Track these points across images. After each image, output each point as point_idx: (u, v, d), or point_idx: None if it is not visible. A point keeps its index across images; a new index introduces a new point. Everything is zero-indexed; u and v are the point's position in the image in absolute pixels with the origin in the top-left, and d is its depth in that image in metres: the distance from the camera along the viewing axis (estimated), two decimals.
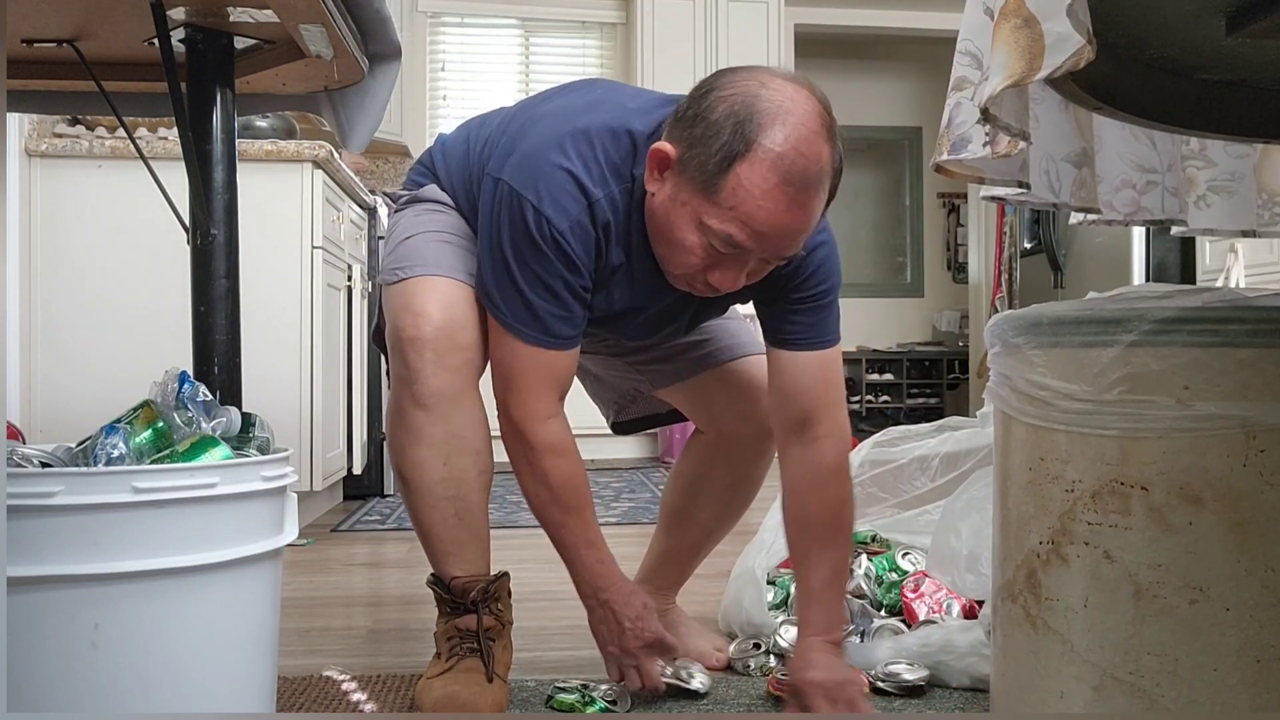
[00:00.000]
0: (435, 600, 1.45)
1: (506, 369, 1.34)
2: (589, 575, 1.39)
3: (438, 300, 1.34)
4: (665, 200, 1.25)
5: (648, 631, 1.38)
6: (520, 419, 1.35)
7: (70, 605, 1.00)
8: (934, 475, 1.91)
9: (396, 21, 1.57)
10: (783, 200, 1.18)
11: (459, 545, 1.40)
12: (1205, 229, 1.43)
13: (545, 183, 1.27)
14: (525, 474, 1.38)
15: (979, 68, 1.02)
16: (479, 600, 1.40)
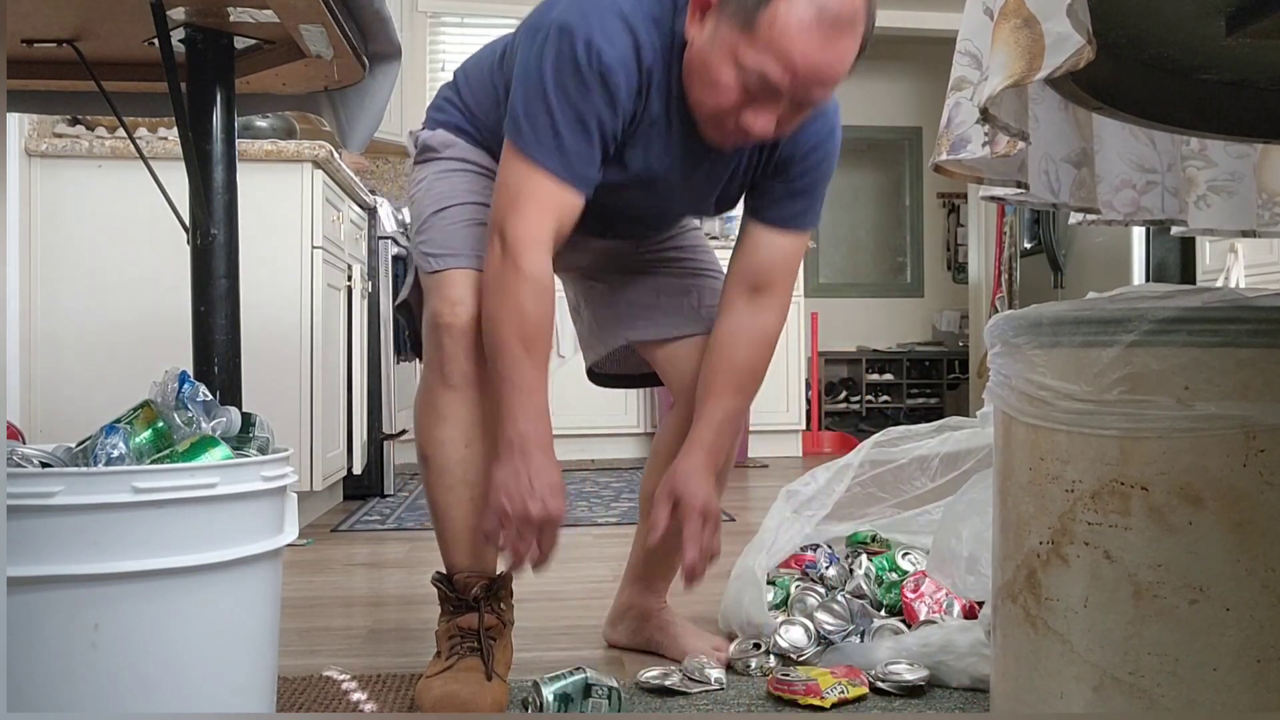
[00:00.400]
0: (438, 598, 1.46)
1: (515, 193, 1.33)
2: (523, 422, 1.33)
3: (475, 292, 1.39)
4: (704, 42, 1.30)
5: (554, 508, 1.32)
6: (516, 240, 1.32)
7: (70, 605, 1.00)
8: (934, 475, 1.91)
9: (396, 21, 1.57)
10: (817, 37, 1.23)
11: (469, 532, 1.43)
12: (1205, 229, 1.43)
13: (596, 17, 1.30)
14: (499, 300, 1.34)
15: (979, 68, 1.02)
16: (481, 598, 1.42)
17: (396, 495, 3.65)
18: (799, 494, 1.86)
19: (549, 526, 1.33)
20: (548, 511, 1.32)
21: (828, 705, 1.37)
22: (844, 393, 7.08)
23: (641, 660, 1.61)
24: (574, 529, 2.95)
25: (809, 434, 5.44)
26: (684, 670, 1.48)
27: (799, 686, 1.39)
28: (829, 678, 1.41)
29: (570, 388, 4.93)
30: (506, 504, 1.32)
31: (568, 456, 4.80)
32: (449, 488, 1.42)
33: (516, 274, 1.32)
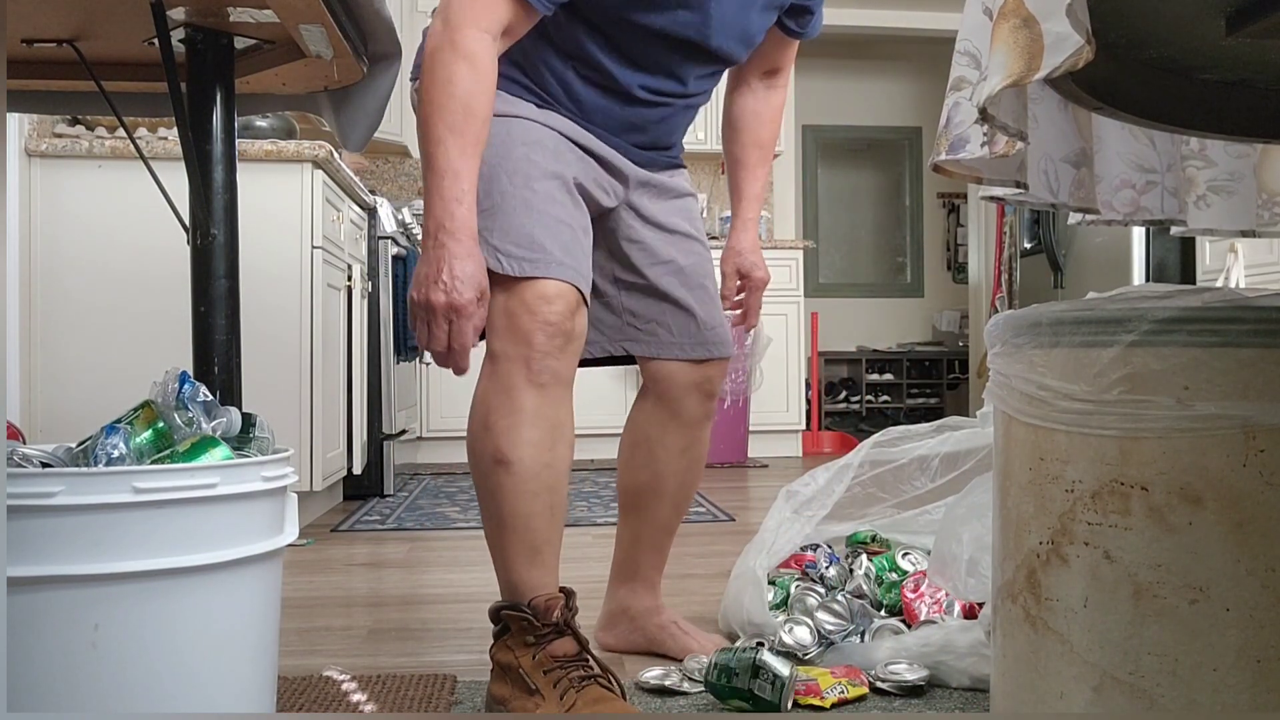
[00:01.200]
0: (508, 624, 1.36)
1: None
2: (443, 206, 1.27)
3: (569, 296, 1.35)
4: None
5: (461, 298, 1.26)
6: (456, 20, 1.28)
7: (70, 605, 1.00)
8: (934, 475, 1.91)
9: (396, 21, 1.57)
10: None
11: (547, 545, 1.35)
12: (1205, 229, 1.42)
13: None
14: (430, 79, 1.28)
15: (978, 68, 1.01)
16: (567, 620, 1.34)
17: (396, 495, 3.65)
18: (799, 494, 1.86)
19: (457, 317, 1.27)
20: (452, 301, 1.26)
21: (828, 705, 1.37)
22: (844, 393, 7.08)
23: (641, 660, 1.61)
24: (573, 529, 2.95)
25: (809, 434, 5.45)
26: (684, 670, 1.48)
27: (799, 686, 1.39)
28: (829, 678, 1.41)
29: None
30: (414, 294, 1.28)
31: None
32: (532, 494, 1.33)
33: (452, 50, 1.27)
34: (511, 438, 1.32)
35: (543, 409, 1.33)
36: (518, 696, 1.33)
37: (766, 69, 1.74)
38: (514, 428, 1.32)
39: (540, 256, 1.35)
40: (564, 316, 1.34)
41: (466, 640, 1.77)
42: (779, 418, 5.06)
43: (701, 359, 1.61)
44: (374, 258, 3.58)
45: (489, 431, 1.34)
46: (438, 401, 4.75)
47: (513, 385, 1.33)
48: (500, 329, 1.35)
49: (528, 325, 1.32)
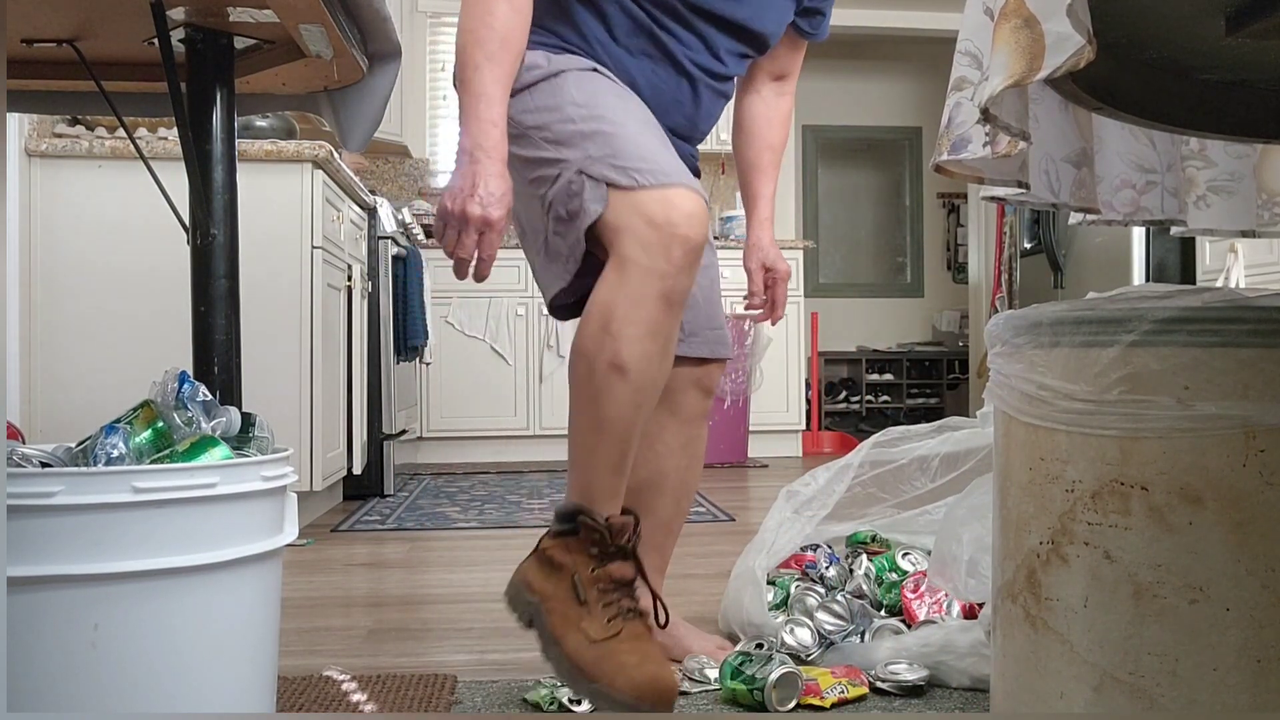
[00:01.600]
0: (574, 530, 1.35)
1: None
2: (479, 126, 1.34)
3: (702, 210, 1.34)
4: None
5: (494, 214, 1.32)
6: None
7: (70, 605, 1.00)
8: (934, 476, 1.91)
9: (396, 21, 1.57)
10: None
11: (629, 462, 1.36)
12: (1205, 229, 1.42)
13: None
14: (470, 13, 1.36)
15: (979, 68, 1.01)
16: (634, 546, 1.33)
17: (396, 495, 3.65)
18: (799, 494, 1.86)
19: (488, 231, 1.32)
20: (486, 215, 1.31)
21: (828, 705, 1.37)
22: (844, 393, 7.08)
23: None
24: None
25: (809, 434, 5.45)
26: (684, 670, 1.48)
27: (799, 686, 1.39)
28: (829, 678, 1.41)
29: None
30: (448, 203, 1.32)
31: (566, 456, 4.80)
32: (638, 405, 1.32)
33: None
34: (636, 346, 1.31)
35: (665, 326, 1.33)
36: (559, 598, 1.32)
37: (776, 74, 1.80)
38: (638, 338, 1.31)
39: (668, 169, 1.36)
40: (703, 235, 1.33)
41: (466, 640, 1.77)
42: (779, 418, 5.06)
43: (704, 358, 1.63)
44: (374, 258, 3.58)
45: (610, 335, 1.32)
46: (438, 401, 4.75)
47: (645, 294, 1.31)
48: (638, 235, 1.32)
49: (668, 238, 1.31)
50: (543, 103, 1.44)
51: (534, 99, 1.44)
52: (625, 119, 1.42)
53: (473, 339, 4.76)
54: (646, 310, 1.31)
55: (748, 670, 1.38)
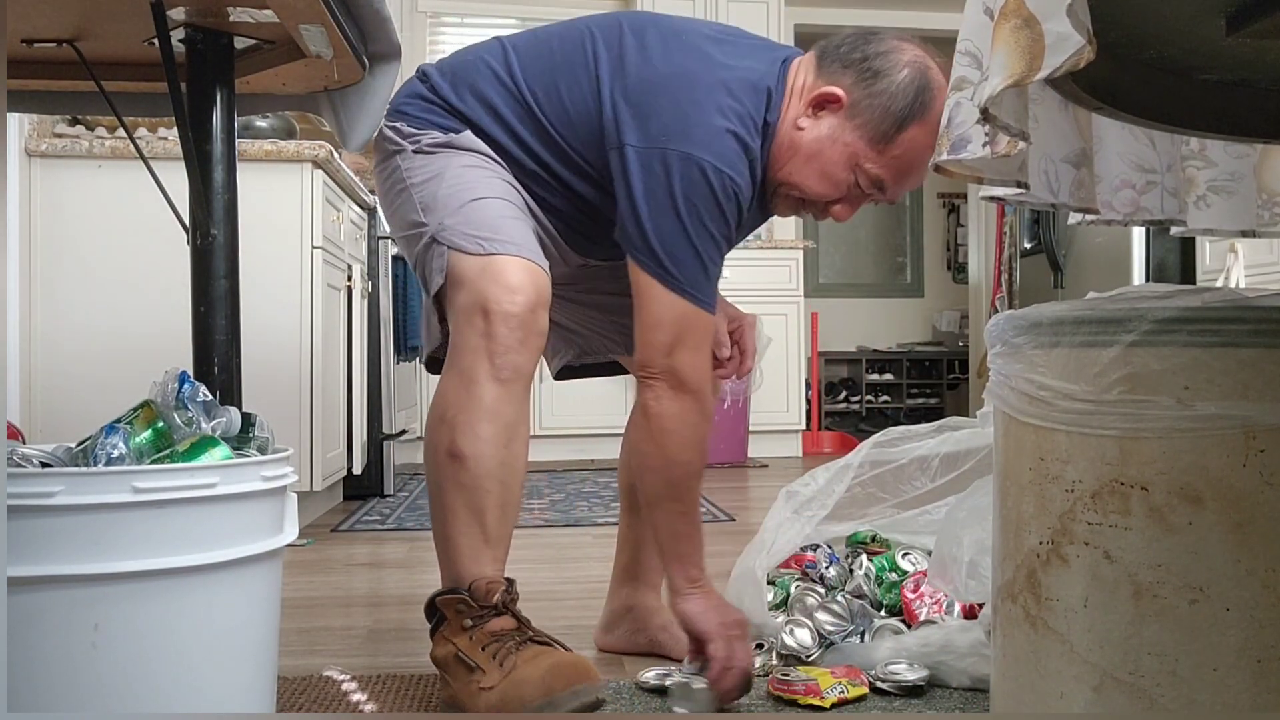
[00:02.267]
0: (443, 618, 1.37)
1: (681, 332, 1.37)
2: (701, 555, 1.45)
3: (530, 282, 1.35)
4: (821, 137, 1.40)
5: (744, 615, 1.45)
6: (694, 377, 1.38)
7: (70, 605, 1.00)
8: (934, 475, 1.91)
9: (396, 21, 1.57)
10: (929, 150, 1.33)
11: (497, 541, 1.37)
12: (1205, 229, 1.42)
13: (718, 147, 1.35)
14: (682, 438, 1.39)
15: (979, 68, 1.01)
16: (506, 603, 1.35)
17: (396, 495, 3.65)
18: (799, 494, 1.86)
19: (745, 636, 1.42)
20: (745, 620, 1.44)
21: (828, 705, 1.37)
22: (844, 393, 7.08)
23: (641, 660, 1.61)
24: (573, 529, 2.95)
25: (809, 434, 5.44)
26: (684, 670, 1.48)
27: (799, 686, 1.39)
28: (829, 678, 1.41)
29: (570, 389, 4.93)
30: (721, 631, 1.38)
31: (568, 456, 4.81)
32: (486, 491, 1.34)
33: (702, 414, 1.39)
34: (469, 432, 1.33)
35: (502, 406, 1.34)
36: (459, 680, 1.32)
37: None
38: (472, 422, 1.33)
39: (503, 238, 1.37)
40: (526, 309, 1.33)
41: None
42: (779, 418, 5.06)
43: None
44: (374, 258, 3.57)
45: (446, 424, 1.35)
46: None
47: (474, 377, 1.33)
48: (462, 324, 1.36)
49: (490, 318, 1.33)
50: (428, 168, 1.46)
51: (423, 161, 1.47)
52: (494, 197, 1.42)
53: None
54: (477, 392, 1.33)
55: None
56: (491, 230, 1.38)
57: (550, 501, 3.49)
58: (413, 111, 1.52)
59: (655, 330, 1.37)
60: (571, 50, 1.46)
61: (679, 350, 1.36)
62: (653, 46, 1.43)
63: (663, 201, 1.34)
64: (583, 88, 1.43)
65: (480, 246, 1.36)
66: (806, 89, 1.42)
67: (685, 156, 1.33)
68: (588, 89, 1.42)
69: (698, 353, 1.38)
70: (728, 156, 1.35)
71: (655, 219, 1.35)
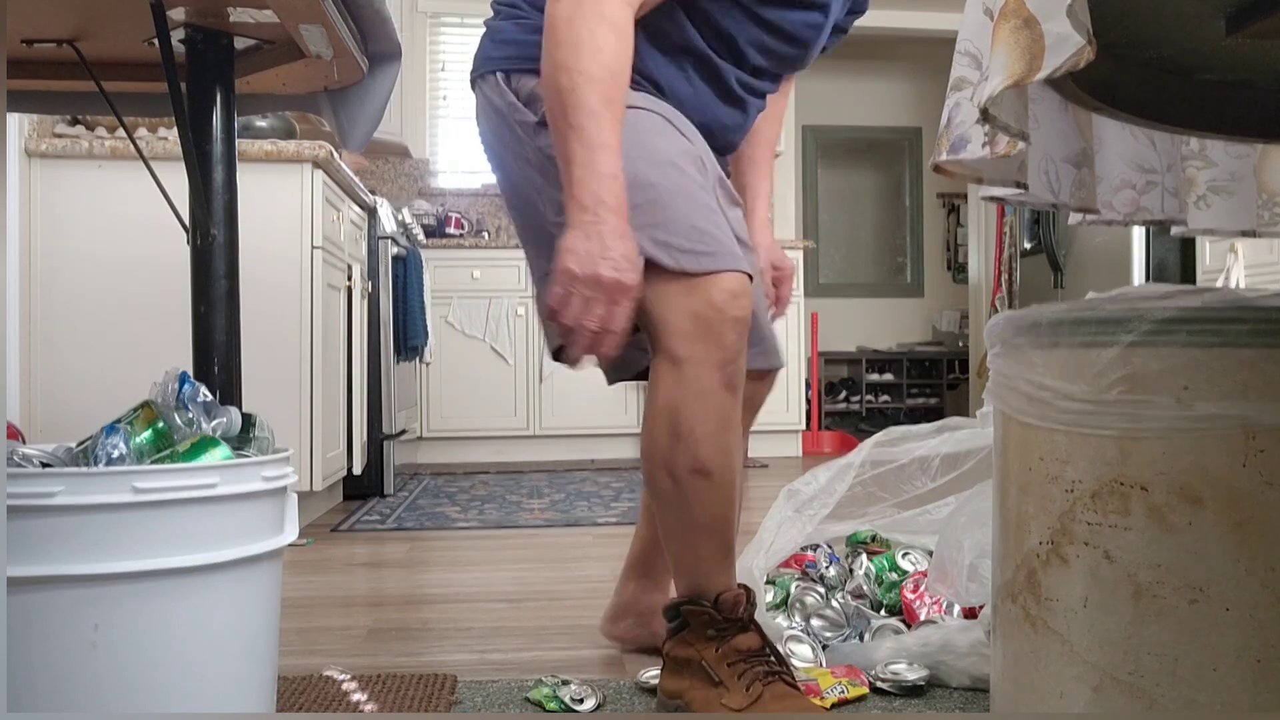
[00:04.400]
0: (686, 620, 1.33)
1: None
2: (597, 183, 1.18)
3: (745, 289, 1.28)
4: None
5: (630, 278, 1.18)
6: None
7: (70, 605, 1.00)
8: (934, 475, 1.91)
9: (396, 21, 1.57)
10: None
11: (732, 549, 1.34)
12: (1205, 229, 1.42)
13: None
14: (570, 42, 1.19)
15: (978, 68, 1.01)
16: (750, 616, 1.32)
17: (396, 495, 3.65)
18: (799, 494, 1.86)
19: (623, 296, 1.19)
20: (621, 279, 1.17)
21: (828, 705, 1.37)
22: (844, 393, 7.08)
23: (641, 660, 1.61)
24: (574, 529, 2.95)
25: (809, 434, 5.44)
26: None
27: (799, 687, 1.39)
28: (829, 678, 1.41)
29: (570, 388, 4.94)
30: (575, 267, 1.17)
31: (568, 456, 4.81)
32: (729, 500, 1.29)
33: (599, 16, 1.19)
34: (713, 445, 1.26)
35: (733, 413, 1.28)
36: (698, 688, 1.30)
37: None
38: (712, 435, 1.26)
39: (715, 249, 1.27)
40: (748, 310, 1.28)
41: (466, 640, 1.77)
42: (779, 418, 5.06)
43: (764, 369, 1.54)
44: (374, 258, 3.58)
45: (682, 440, 1.27)
46: (438, 401, 4.75)
47: (707, 389, 1.26)
48: (686, 331, 1.26)
49: (719, 326, 1.25)
50: None
51: None
52: (677, 177, 1.30)
53: (473, 339, 4.76)
54: (713, 404, 1.26)
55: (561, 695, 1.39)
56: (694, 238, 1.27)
57: (550, 501, 3.49)
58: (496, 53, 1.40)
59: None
60: None
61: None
62: None
63: None
64: None
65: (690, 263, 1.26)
66: None
67: None
68: None
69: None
70: None
71: None
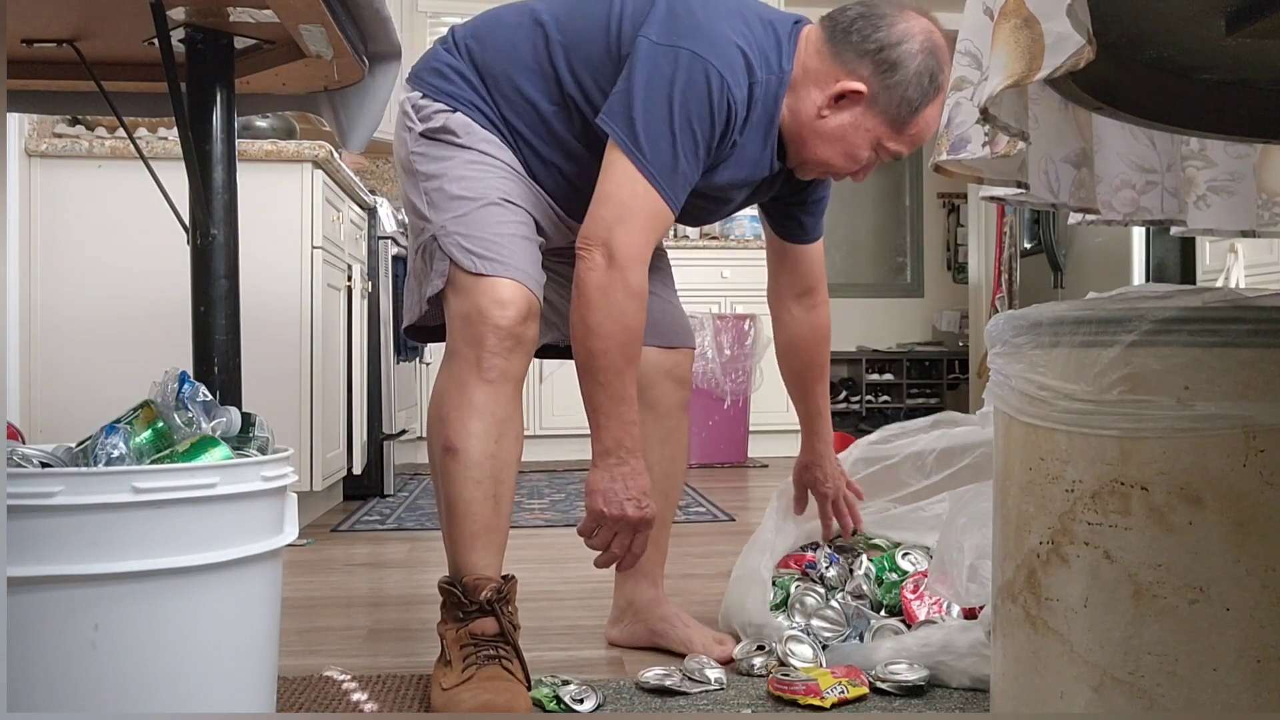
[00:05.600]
0: (445, 602, 1.44)
1: (626, 206, 1.40)
2: (620, 430, 1.41)
3: (521, 297, 1.42)
4: (845, 124, 1.50)
5: (649, 512, 1.42)
6: (626, 253, 1.39)
7: (70, 605, 1.00)
8: (928, 472, 1.91)
9: (396, 21, 1.57)
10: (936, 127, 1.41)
11: (488, 532, 1.42)
12: (1205, 229, 1.42)
13: (724, 54, 1.41)
14: (605, 312, 1.39)
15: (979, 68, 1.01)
16: (494, 601, 1.40)
17: (396, 495, 3.65)
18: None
19: (644, 528, 1.43)
20: (644, 516, 1.42)
21: (828, 705, 1.37)
22: (844, 393, 7.08)
23: (641, 660, 1.61)
24: (573, 529, 2.95)
25: None
26: (684, 670, 1.49)
27: (799, 686, 1.39)
28: (829, 678, 1.41)
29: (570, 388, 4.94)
30: (604, 507, 1.41)
31: (566, 456, 4.81)
32: (476, 482, 1.41)
33: (626, 289, 1.39)
34: (460, 428, 1.41)
35: (490, 403, 1.41)
36: (438, 665, 1.42)
37: (799, 290, 1.78)
38: (463, 419, 1.41)
39: (508, 257, 1.44)
40: (515, 322, 1.42)
41: None
42: (779, 418, 5.05)
43: (670, 345, 1.70)
44: (374, 258, 3.58)
45: (441, 422, 1.44)
46: None
47: (464, 380, 1.42)
48: (457, 330, 1.45)
49: (480, 328, 1.41)
50: (434, 158, 1.50)
51: (429, 149, 1.51)
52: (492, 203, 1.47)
53: None
54: (468, 393, 1.42)
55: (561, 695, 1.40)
56: (488, 248, 1.44)
57: (550, 501, 3.49)
58: (428, 79, 1.55)
59: (604, 204, 1.41)
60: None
61: (619, 227, 1.39)
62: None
63: (659, 90, 1.39)
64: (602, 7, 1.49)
65: (475, 265, 1.43)
66: (822, 75, 1.49)
67: (693, 55, 1.39)
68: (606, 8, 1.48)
69: (639, 233, 1.40)
70: (733, 68, 1.41)
71: (645, 100, 1.39)
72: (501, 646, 1.39)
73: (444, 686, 1.37)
